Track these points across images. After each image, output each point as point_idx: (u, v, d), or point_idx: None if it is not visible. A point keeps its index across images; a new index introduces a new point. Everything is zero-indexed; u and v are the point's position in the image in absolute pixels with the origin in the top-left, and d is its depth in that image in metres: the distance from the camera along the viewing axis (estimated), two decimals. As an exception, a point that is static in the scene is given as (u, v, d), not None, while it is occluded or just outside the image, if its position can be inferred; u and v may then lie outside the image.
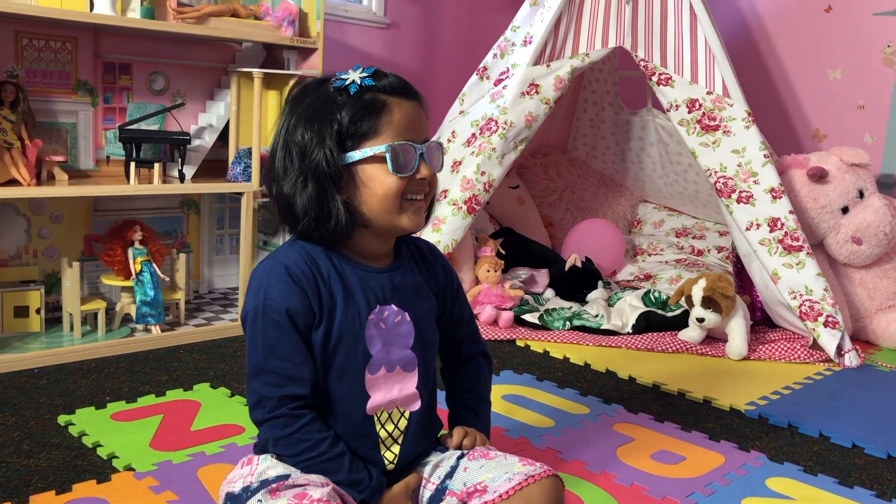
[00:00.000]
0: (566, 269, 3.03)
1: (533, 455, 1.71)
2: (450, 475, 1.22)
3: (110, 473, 1.57)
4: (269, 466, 1.15)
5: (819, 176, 2.78)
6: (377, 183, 1.13)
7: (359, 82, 1.13)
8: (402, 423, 1.22)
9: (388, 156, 1.11)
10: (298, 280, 1.13)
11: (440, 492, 1.21)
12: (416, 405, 1.23)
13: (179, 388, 2.04)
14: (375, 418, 1.19)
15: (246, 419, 1.87)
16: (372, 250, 1.20)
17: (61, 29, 2.40)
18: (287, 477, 1.12)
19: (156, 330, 2.41)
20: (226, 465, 1.61)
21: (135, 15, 2.29)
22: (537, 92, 2.81)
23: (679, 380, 2.29)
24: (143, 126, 2.49)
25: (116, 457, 1.64)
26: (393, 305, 1.20)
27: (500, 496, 1.13)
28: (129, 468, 1.59)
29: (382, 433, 1.20)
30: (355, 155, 1.12)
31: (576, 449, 1.79)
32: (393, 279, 1.21)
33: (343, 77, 1.14)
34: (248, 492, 1.12)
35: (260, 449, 1.20)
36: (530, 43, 2.85)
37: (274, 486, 1.10)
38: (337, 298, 1.15)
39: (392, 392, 1.20)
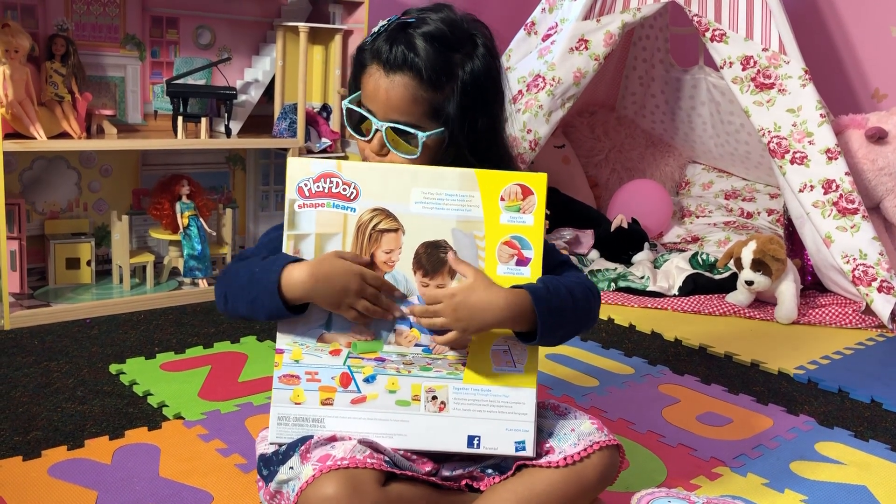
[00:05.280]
0: (612, 230, 2.99)
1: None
2: None
3: (161, 421, 1.60)
4: None
5: (878, 136, 2.68)
6: None
7: (369, 40, 1.14)
8: None
9: (344, 111, 1.16)
10: None
11: None
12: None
13: (227, 341, 2.07)
14: None
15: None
16: None
17: (109, -18, 2.40)
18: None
19: (203, 284, 2.44)
20: (272, 415, 1.63)
21: (182, -33, 2.28)
22: (586, 47, 2.75)
23: (726, 342, 2.25)
24: (189, 81, 2.50)
25: (166, 405, 1.67)
26: None
27: (565, 459, 1.12)
28: (178, 416, 1.62)
29: None
30: (345, 103, 1.17)
31: (620, 408, 1.77)
32: None
33: (376, 28, 1.15)
34: (279, 455, 1.13)
35: None
36: (580, -3, 2.78)
37: (303, 447, 1.10)
38: None
39: None
